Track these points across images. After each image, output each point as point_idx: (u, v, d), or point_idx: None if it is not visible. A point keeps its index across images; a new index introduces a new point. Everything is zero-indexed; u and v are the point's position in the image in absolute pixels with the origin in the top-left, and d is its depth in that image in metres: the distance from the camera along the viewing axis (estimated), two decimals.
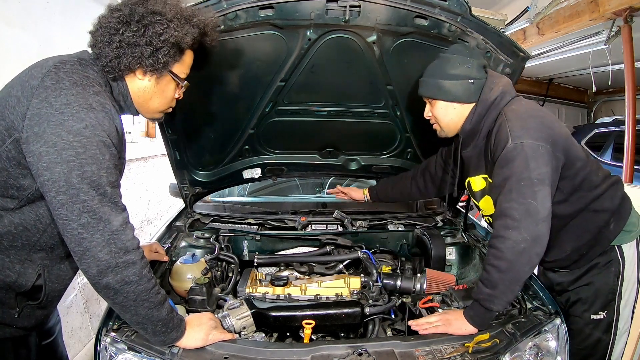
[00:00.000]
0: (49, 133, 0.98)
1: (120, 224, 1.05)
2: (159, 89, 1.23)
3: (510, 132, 1.37)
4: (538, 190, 1.29)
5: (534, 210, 1.27)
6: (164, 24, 1.12)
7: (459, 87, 1.50)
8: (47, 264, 1.19)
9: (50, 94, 1.01)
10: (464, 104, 1.53)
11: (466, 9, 1.54)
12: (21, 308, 1.17)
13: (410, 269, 2.04)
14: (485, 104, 1.49)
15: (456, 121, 1.56)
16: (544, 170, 1.32)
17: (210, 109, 1.88)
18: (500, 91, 1.48)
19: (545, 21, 3.81)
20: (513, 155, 1.33)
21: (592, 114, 7.49)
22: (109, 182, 1.05)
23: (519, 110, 1.44)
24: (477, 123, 1.52)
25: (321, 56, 1.69)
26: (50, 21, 2.25)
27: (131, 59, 1.13)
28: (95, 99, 1.05)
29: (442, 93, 1.52)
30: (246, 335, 1.43)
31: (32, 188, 1.08)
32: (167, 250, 1.83)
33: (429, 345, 1.27)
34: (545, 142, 1.35)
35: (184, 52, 1.22)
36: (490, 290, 1.31)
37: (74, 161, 0.99)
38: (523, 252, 1.26)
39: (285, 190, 2.93)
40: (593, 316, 1.56)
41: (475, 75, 1.50)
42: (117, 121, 1.12)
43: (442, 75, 1.51)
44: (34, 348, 1.31)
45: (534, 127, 1.37)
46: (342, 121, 2.04)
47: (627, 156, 3.29)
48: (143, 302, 1.09)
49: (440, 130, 1.64)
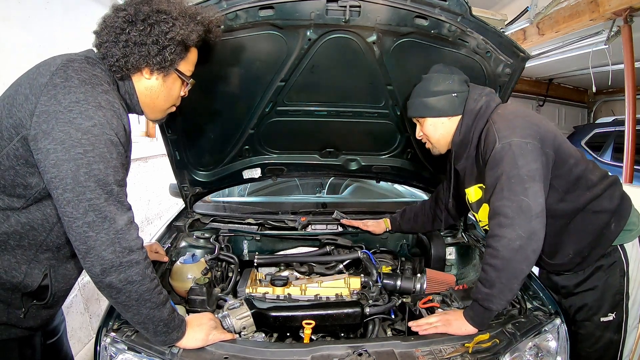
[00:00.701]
0: (58, 130, 0.98)
1: (125, 223, 1.05)
2: (165, 88, 1.23)
3: (497, 133, 1.39)
4: (529, 187, 1.29)
5: (526, 207, 1.28)
6: (169, 22, 1.12)
7: (443, 102, 1.55)
8: (54, 263, 1.19)
9: (59, 92, 1.00)
10: (451, 117, 1.57)
11: (466, 9, 1.54)
12: (27, 308, 1.17)
13: (410, 269, 2.04)
14: (471, 114, 1.53)
15: (446, 135, 1.60)
16: (534, 167, 1.33)
17: (210, 109, 1.88)
18: (485, 100, 1.52)
19: (545, 21, 3.81)
20: (501, 155, 1.35)
21: (592, 114, 7.49)
22: (116, 181, 1.05)
23: (504, 113, 1.47)
24: (467, 133, 1.55)
25: (321, 56, 1.69)
26: (50, 21, 2.25)
27: (138, 58, 1.13)
28: (104, 98, 1.05)
29: (429, 110, 1.58)
30: (246, 335, 1.43)
31: (39, 187, 1.08)
32: (167, 250, 1.83)
33: (429, 346, 1.27)
34: (532, 138, 1.36)
35: (189, 49, 1.23)
36: (488, 289, 1.31)
37: (82, 159, 0.99)
38: (519, 249, 1.26)
39: (285, 190, 2.93)
40: (603, 319, 1.55)
41: (458, 89, 1.55)
42: (125, 120, 1.12)
43: (426, 94, 1.57)
44: (38, 347, 1.31)
45: (520, 125, 1.39)
46: (342, 121, 2.04)
47: (627, 156, 3.29)
48: (145, 301, 1.09)
49: (433, 148, 1.68)
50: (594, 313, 1.56)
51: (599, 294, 1.56)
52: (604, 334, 1.56)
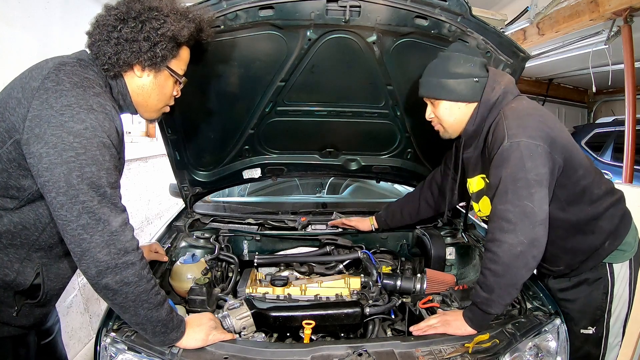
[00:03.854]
0: (50, 134, 0.99)
1: (119, 225, 1.05)
2: (157, 86, 1.23)
3: (506, 130, 1.32)
4: (535, 192, 1.24)
5: (530, 212, 1.23)
6: (160, 19, 1.13)
7: (464, 86, 1.45)
8: (46, 262, 1.20)
9: (50, 96, 1.01)
10: (469, 103, 1.48)
11: (466, 9, 1.54)
12: (20, 307, 1.17)
13: (410, 269, 2.04)
14: (487, 105, 1.44)
15: (460, 121, 1.51)
16: (542, 171, 1.27)
17: (210, 109, 1.88)
18: (502, 91, 1.43)
19: (545, 21, 3.81)
20: (508, 154, 1.28)
21: (592, 114, 7.49)
22: (109, 183, 1.05)
23: (518, 109, 1.39)
24: (480, 125, 1.48)
25: (321, 56, 1.69)
26: (50, 21, 2.25)
27: (129, 54, 1.13)
28: (96, 100, 1.05)
29: (446, 92, 1.47)
30: (246, 335, 1.43)
31: (33, 189, 1.09)
32: (167, 250, 1.83)
33: (429, 346, 1.27)
34: (543, 141, 1.29)
35: (181, 47, 1.23)
36: (487, 294, 1.29)
37: (74, 162, 0.99)
38: (520, 255, 1.23)
39: (285, 190, 2.93)
40: (583, 330, 1.53)
41: (479, 74, 1.46)
42: (118, 122, 1.12)
43: (444, 74, 1.46)
44: (33, 347, 1.31)
45: (532, 126, 1.32)
46: (342, 121, 2.04)
47: (627, 156, 3.28)
48: (142, 302, 1.09)
49: (444, 132, 1.58)
50: (574, 323, 1.53)
51: (580, 306, 1.53)
52: (583, 345, 1.54)
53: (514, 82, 1.50)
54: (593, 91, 6.75)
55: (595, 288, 1.50)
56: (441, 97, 1.49)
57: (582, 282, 1.53)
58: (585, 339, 1.53)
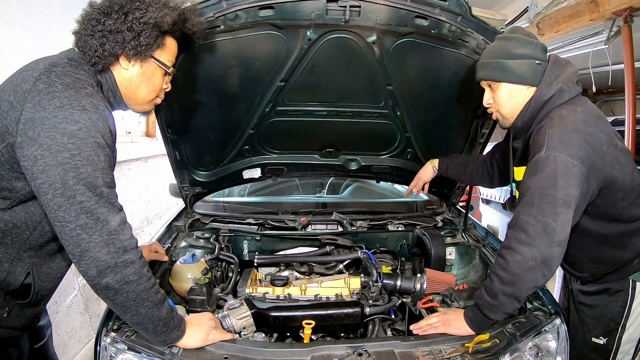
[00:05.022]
0: (44, 136, 0.99)
1: (117, 224, 1.05)
2: (145, 77, 1.23)
3: (547, 139, 1.25)
4: (560, 212, 1.19)
5: (551, 231, 1.18)
6: (142, 8, 1.15)
7: (526, 67, 1.36)
8: (36, 262, 1.19)
9: (43, 98, 1.01)
10: (530, 87, 1.39)
11: (466, 9, 1.54)
12: (10, 307, 1.17)
13: (410, 269, 2.04)
14: (538, 102, 1.36)
15: (519, 106, 1.41)
16: (573, 193, 1.20)
17: (210, 109, 1.88)
18: (559, 88, 1.33)
19: (545, 21, 3.81)
20: (543, 166, 1.22)
21: None
22: (105, 183, 1.05)
23: (567, 120, 1.28)
24: (528, 122, 1.41)
25: (321, 56, 1.69)
26: (50, 21, 2.25)
27: (114, 45, 1.14)
28: (88, 101, 1.05)
29: (508, 74, 1.38)
30: (246, 335, 1.43)
31: (25, 190, 1.09)
32: (167, 250, 1.83)
33: (429, 346, 1.27)
34: (581, 162, 1.21)
35: (166, 36, 1.23)
36: (491, 299, 1.28)
37: (69, 163, 0.99)
38: (530, 270, 1.21)
39: (285, 190, 2.93)
40: (594, 339, 1.51)
41: (541, 57, 1.37)
42: (111, 122, 1.12)
43: (505, 54, 1.38)
44: (25, 351, 1.31)
45: (575, 144, 1.23)
46: (342, 121, 2.04)
47: None
48: (143, 301, 1.09)
49: (503, 119, 1.48)
50: (587, 330, 1.53)
51: (596, 314, 1.52)
52: (590, 354, 1.53)
53: (575, 78, 1.37)
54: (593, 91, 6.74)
55: (614, 300, 1.48)
56: (502, 79, 1.40)
57: (603, 291, 1.50)
58: (594, 348, 1.52)
